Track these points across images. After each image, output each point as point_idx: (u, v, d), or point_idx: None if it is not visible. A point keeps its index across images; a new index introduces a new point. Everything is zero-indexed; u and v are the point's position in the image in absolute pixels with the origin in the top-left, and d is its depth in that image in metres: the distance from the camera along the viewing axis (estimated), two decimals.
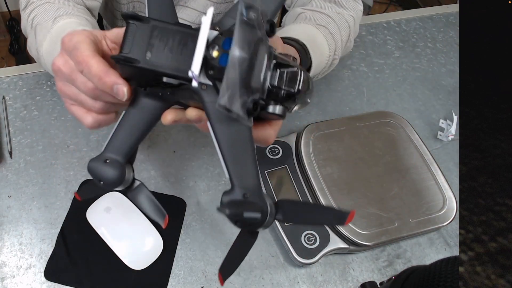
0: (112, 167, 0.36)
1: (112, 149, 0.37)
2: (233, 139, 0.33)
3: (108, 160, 0.36)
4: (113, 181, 0.36)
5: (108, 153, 0.37)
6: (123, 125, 0.37)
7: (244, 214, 0.32)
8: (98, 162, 0.36)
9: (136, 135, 0.37)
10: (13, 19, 1.82)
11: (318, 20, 0.59)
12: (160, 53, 0.32)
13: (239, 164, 0.34)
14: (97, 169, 0.36)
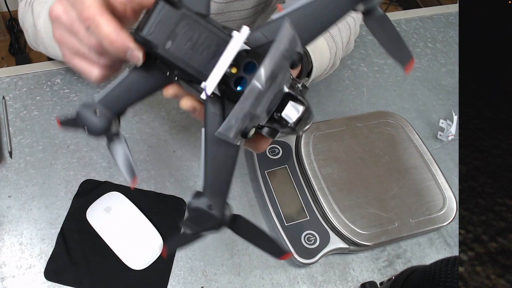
0: (100, 120, 0.35)
1: (106, 103, 0.35)
2: (221, 153, 0.33)
3: (98, 112, 0.35)
4: (96, 133, 0.35)
5: (100, 105, 0.35)
6: (123, 83, 0.35)
7: (202, 232, 0.34)
8: (88, 111, 0.35)
9: (133, 98, 0.36)
10: (13, 19, 1.82)
11: None
12: (181, 45, 0.30)
13: (217, 177, 0.34)
14: (85, 117, 0.35)
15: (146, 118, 0.67)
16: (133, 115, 0.67)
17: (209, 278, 0.55)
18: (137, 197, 0.58)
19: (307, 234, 0.56)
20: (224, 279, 0.55)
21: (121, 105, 0.36)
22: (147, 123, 0.67)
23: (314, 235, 0.56)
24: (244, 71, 0.30)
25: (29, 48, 1.84)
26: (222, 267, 0.56)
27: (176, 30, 0.30)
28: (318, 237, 0.56)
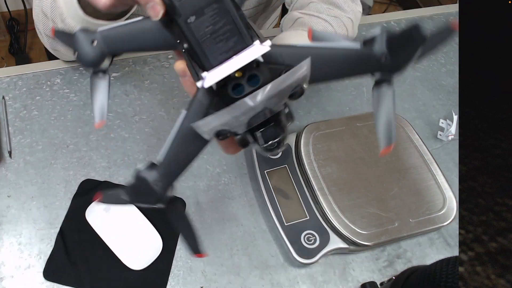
0: (93, 51, 0.34)
1: (106, 37, 0.34)
2: (189, 141, 0.33)
3: (95, 43, 0.34)
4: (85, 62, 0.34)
5: (100, 36, 0.34)
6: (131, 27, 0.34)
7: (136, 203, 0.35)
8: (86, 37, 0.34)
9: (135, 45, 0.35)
10: (13, 19, 1.82)
11: (315, 26, 0.59)
12: (202, 25, 0.29)
13: (176, 160, 0.34)
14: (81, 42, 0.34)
15: (146, 118, 0.67)
16: (133, 115, 0.67)
17: (209, 278, 0.55)
18: None
19: (307, 234, 0.56)
20: (224, 279, 0.55)
21: (121, 47, 0.35)
22: (147, 123, 0.67)
23: (314, 235, 0.56)
24: (247, 80, 0.30)
25: (29, 48, 1.85)
26: (222, 267, 0.55)
27: (205, 9, 0.29)
28: (318, 237, 0.56)
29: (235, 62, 0.29)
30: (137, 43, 0.34)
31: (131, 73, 0.72)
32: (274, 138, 0.33)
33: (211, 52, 0.30)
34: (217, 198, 0.61)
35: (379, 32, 0.30)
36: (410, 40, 0.29)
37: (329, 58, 0.31)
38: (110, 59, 0.35)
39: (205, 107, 0.32)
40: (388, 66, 0.30)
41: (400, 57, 0.30)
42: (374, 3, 2.07)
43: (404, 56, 0.30)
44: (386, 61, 0.30)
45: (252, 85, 0.30)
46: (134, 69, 0.73)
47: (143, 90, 0.70)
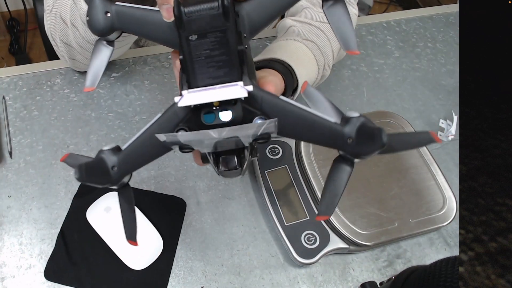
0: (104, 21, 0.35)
1: (120, 13, 0.35)
2: (154, 142, 0.34)
3: (109, 14, 0.35)
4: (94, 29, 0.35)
5: (114, 9, 0.35)
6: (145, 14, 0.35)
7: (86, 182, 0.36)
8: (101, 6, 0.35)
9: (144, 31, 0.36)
10: (13, 19, 1.82)
11: (306, 35, 0.58)
12: (201, 46, 0.31)
13: (138, 153, 0.35)
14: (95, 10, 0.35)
15: (146, 118, 0.67)
16: (133, 115, 0.67)
17: (209, 278, 0.55)
18: (137, 197, 0.58)
19: (307, 234, 0.56)
20: (224, 279, 0.55)
21: (130, 28, 0.35)
22: (147, 123, 0.67)
23: (314, 235, 0.56)
24: (220, 111, 0.32)
25: (29, 48, 1.85)
26: (222, 267, 0.56)
27: (209, 33, 0.30)
28: (318, 237, 0.56)
29: (214, 94, 0.30)
30: (146, 30, 0.35)
31: (131, 73, 0.72)
32: (232, 167, 0.35)
33: (200, 73, 0.31)
34: (217, 198, 0.61)
35: (357, 115, 0.31)
36: (372, 139, 0.31)
37: (303, 121, 0.32)
38: (119, 33, 0.36)
39: (177, 120, 0.33)
40: (351, 150, 0.31)
41: (362, 147, 0.31)
42: (374, 3, 2.07)
43: (365, 149, 0.31)
44: (351, 144, 0.31)
45: (224, 118, 0.32)
46: (134, 69, 0.73)
47: (143, 90, 0.70)
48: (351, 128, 0.31)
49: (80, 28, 0.56)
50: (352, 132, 0.31)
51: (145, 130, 0.35)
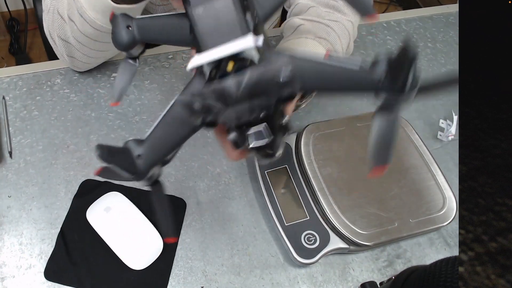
0: (126, 35, 0.35)
1: (141, 27, 0.35)
2: (177, 122, 0.34)
3: (131, 28, 0.35)
4: (118, 44, 0.36)
5: (135, 24, 0.35)
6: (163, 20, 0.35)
7: (112, 167, 0.34)
8: (123, 22, 0.35)
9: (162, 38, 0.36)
10: (13, 19, 1.82)
11: (318, 32, 0.59)
12: (208, 18, 0.31)
13: (160, 138, 0.35)
14: (117, 25, 0.35)
15: (146, 118, 0.67)
16: (133, 115, 0.67)
17: (209, 278, 0.55)
18: (137, 197, 0.58)
19: (307, 234, 0.56)
20: (224, 279, 0.55)
21: (151, 37, 0.36)
22: (147, 123, 0.67)
23: (314, 235, 0.56)
24: (234, 72, 0.31)
25: (29, 48, 1.85)
26: (222, 267, 0.56)
27: (215, 3, 0.31)
28: (318, 237, 0.56)
29: (222, 49, 0.30)
30: (166, 35, 0.36)
31: None
32: (261, 138, 0.33)
33: (210, 39, 0.31)
34: (218, 198, 0.61)
35: (383, 56, 0.30)
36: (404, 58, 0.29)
37: (328, 71, 0.31)
38: (142, 48, 0.37)
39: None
40: (386, 83, 0.30)
41: (396, 73, 0.30)
42: (374, 3, 2.07)
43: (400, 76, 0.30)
44: (384, 81, 0.30)
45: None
46: None
47: (143, 90, 0.70)
48: (380, 64, 0.30)
49: (77, 22, 0.56)
50: (383, 65, 0.30)
51: (165, 112, 0.34)
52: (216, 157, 0.65)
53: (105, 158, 0.34)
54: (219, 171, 0.63)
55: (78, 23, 0.56)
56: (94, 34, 0.57)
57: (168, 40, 0.36)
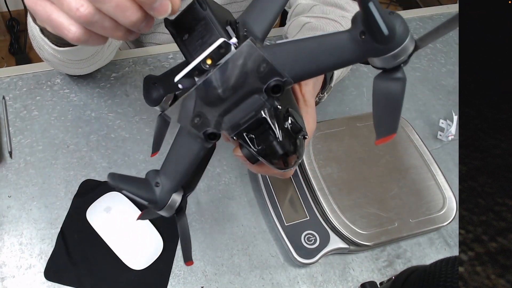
0: (155, 92, 0.37)
1: (162, 81, 0.37)
2: (186, 145, 0.35)
3: (156, 85, 0.37)
4: (149, 101, 0.37)
5: (159, 82, 0.37)
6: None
7: (125, 192, 0.34)
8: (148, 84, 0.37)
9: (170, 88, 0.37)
10: (13, 19, 1.82)
11: (326, 28, 0.59)
12: (193, 40, 0.33)
13: (173, 164, 0.36)
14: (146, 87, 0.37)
15: (146, 118, 0.67)
16: (133, 115, 0.67)
17: (209, 278, 0.55)
18: None
19: (307, 234, 0.56)
20: (224, 279, 0.55)
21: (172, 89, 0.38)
22: (147, 123, 0.67)
23: (314, 235, 0.56)
24: (214, 64, 0.31)
25: (29, 48, 1.85)
26: (222, 267, 0.56)
27: (195, 26, 0.33)
28: (318, 237, 0.56)
29: (200, 56, 0.31)
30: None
31: (131, 73, 0.72)
32: (263, 141, 0.34)
33: (196, 55, 0.32)
34: (217, 198, 0.61)
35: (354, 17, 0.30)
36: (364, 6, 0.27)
37: (305, 49, 0.31)
38: (170, 99, 0.38)
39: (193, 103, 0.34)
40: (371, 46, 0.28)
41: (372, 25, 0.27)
42: None
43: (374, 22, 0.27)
44: (366, 39, 0.28)
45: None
46: (134, 69, 0.73)
47: None
48: (356, 24, 0.28)
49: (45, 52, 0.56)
50: (359, 26, 0.28)
51: (174, 139, 0.35)
52: (216, 157, 0.65)
53: (117, 186, 0.34)
54: (219, 171, 0.63)
55: (46, 53, 0.56)
56: (65, 61, 0.57)
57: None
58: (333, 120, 0.66)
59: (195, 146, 0.34)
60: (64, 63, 0.58)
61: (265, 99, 0.32)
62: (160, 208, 0.36)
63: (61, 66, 0.62)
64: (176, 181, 0.36)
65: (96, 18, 0.29)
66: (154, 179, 0.35)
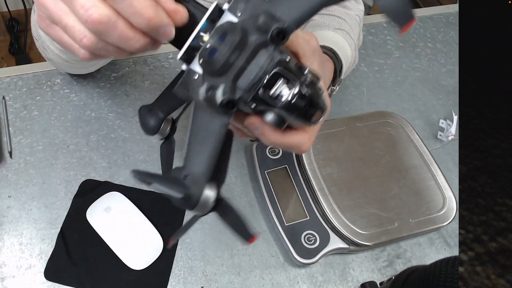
0: (154, 121, 0.37)
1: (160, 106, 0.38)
2: (204, 126, 0.33)
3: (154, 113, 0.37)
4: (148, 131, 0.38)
5: (156, 108, 0.38)
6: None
7: (153, 185, 0.31)
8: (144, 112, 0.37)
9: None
10: (13, 19, 1.82)
11: (332, 24, 0.60)
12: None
13: (196, 150, 0.34)
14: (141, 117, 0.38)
15: None
16: (133, 115, 0.67)
17: (209, 278, 0.55)
18: (137, 197, 0.58)
19: (307, 234, 0.56)
20: (224, 279, 0.55)
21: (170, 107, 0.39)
22: None
23: (314, 235, 0.56)
24: (219, 40, 0.30)
25: (29, 48, 1.85)
26: (222, 267, 0.56)
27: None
28: (318, 237, 0.56)
29: (198, 25, 0.31)
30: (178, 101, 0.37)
31: (131, 73, 0.72)
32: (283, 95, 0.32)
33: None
34: None
35: None
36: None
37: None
38: (169, 124, 0.38)
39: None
40: None
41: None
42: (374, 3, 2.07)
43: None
44: None
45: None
46: (134, 69, 0.73)
47: (143, 90, 0.70)
48: None
49: (49, 52, 0.57)
50: None
51: (190, 125, 0.34)
52: None
53: (145, 180, 0.32)
54: None
55: (51, 53, 0.56)
56: (69, 62, 0.58)
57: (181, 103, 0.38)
58: (333, 120, 0.66)
59: (215, 125, 0.33)
60: (69, 63, 0.59)
61: (272, 50, 0.31)
62: (195, 203, 0.33)
63: (64, 66, 0.62)
64: (205, 166, 0.33)
65: (100, 46, 0.30)
66: (181, 173, 0.33)
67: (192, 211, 0.34)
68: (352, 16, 0.63)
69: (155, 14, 0.28)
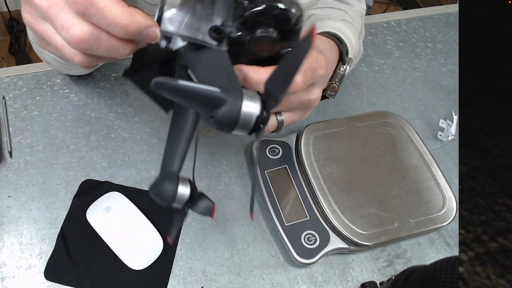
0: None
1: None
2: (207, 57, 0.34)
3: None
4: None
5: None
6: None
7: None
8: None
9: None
10: (13, 19, 1.82)
11: (332, 16, 0.60)
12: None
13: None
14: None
15: (146, 118, 0.67)
16: (133, 115, 0.67)
17: (209, 278, 0.55)
18: (137, 197, 0.58)
19: (307, 234, 0.56)
20: (224, 279, 0.55)
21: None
22: (147, 123, 0.67)
23: (314, 235, 0.56)
24: None
25: (29, 48, 1.85)
26: (222, 267, 0.56)
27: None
28: (318, 237, 0.56)
29: None
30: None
31: None
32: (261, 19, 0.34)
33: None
34: (217, 198, 0.61)
35: None
36: None
37: None
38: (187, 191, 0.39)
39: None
40: None
41: None
42: (374, 3, 2.07)
43: None
44: None
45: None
46: None
47: None
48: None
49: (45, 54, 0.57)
50: None
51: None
52: (216, 157, 0.65)
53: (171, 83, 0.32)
54: (219, 171, 0.63)
55: (47, 56, 0.57)
56: (66, 64, 0.58)
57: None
58: (333, 120, 0.66)
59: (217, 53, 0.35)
60: (66, 65, 0.59)
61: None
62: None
63: (62, 68, 0.62)
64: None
65: (94, 59, 0.31)
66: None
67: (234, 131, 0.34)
68: (355, 10, 0.63)
69: (129, 20, 0.28)
